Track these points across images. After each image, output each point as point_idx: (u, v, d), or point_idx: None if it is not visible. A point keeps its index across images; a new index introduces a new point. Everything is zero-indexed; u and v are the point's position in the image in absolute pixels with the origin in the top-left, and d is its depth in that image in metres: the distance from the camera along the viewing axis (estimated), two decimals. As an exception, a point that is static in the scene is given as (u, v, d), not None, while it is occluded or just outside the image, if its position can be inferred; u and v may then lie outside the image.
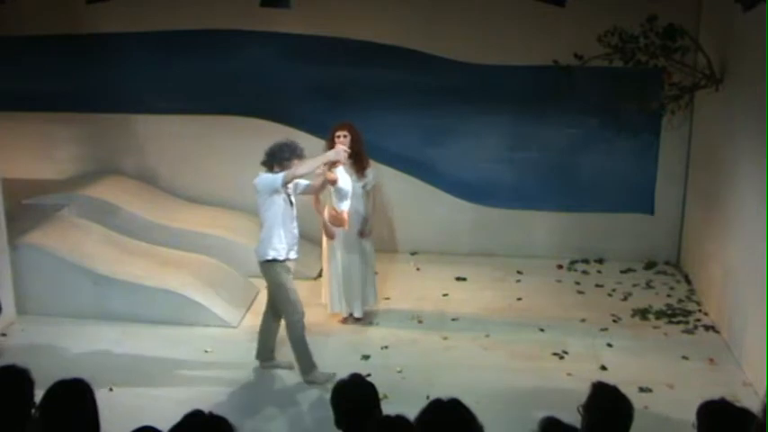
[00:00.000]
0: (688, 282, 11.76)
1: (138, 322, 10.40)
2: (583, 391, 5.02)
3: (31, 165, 12.30)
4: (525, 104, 12.00)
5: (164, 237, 11.78)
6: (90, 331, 10.32)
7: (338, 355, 9.62)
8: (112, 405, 7.16)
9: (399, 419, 4.51)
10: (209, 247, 11.72)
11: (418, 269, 12.32)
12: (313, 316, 10.33)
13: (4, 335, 10.12)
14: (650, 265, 12.26)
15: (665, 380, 9.02)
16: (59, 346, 9.77)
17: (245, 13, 11.79)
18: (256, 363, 9.54)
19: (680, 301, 11.19)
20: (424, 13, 12.04)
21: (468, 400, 4.61)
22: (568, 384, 8.75)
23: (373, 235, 10.57)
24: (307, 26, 12.23)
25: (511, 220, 12.56)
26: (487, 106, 11.95)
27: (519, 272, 12.11)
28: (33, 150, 11.90)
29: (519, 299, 11.33)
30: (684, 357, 9.64)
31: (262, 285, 11.44)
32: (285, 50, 12.41)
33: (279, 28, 12.25)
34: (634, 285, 11.71)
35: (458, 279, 11.93)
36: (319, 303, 10.63)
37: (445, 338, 10.21)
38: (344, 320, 10.50)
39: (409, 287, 11.69)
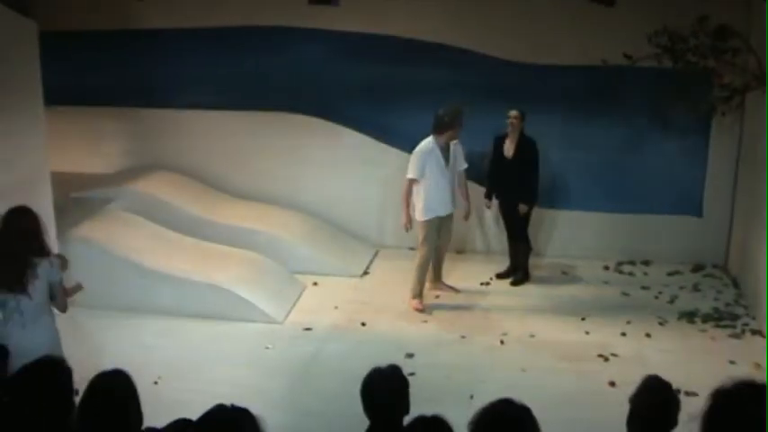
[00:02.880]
0: (736, 285, 11.65)
1: (183, 316, 10.50)
2: (626, 393, 5.00)
3: (80, 158, 12.42)
4: (573, 104, 11.92)
5: (210, 232, 11.88)
6: (135, 324, 10.41)
7: (382, 352, 9.53)
8: (156, 398, 7.18)
9: (435, 420, 4.50)
10: (257, 242, 11.81)
11: (464, 268, 12.28)
12: (360, 312, 10.56)
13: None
14: (697, 268, 12.17)
15: (711, 384, 8.90)
16: (105, 339, 9.82)
17: (294, 10, 11.86)
18: (301, 358, 9.65)
19: (727, 304, 11.10)
20: (473, 11, 12.06)
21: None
22: (611, 386, 8.70)
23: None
24: (354, 23, 12.29)
25: (558, 220, 12.50)
26: (535, 106, 11.86)
27: (564, 272, 12.13)
28: (83, 144, 12.01)
29: (564, 299, 11.30)
30: (731, 362, 9.50)
31: (308, 282, 11.50)
32: (333, 48, 12.50)
33: (327, 25, 12.31)
34: (681, 288, 11.63)
35: (499, 277, 11.92)
36: (363, 302, 10.72)
37: (490, 338, 10.18)
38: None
39: (455, 286, 11.64)
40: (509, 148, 11.48)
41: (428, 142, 10.72)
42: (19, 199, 9.68)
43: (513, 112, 11.28)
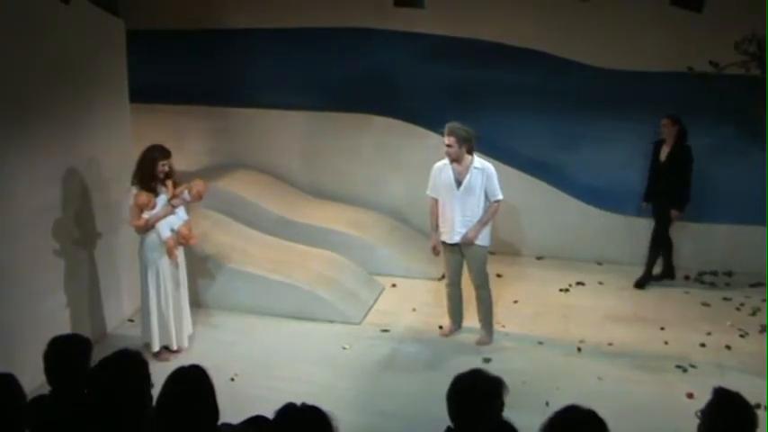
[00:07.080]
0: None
1: (262, 314, 10.66)
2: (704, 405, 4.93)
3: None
4: (658, 112, 11.76)
5: (291, 231, 12.00)
6: (215, 321, 10.54)
7: (459, 355, 9.62)
8: (233, 394, 7.29)
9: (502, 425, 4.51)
10: (336, 243, 11.91)
11: (543, 274, 12.25)
12: (438, 315, 10.61)
13: (131, 320, 10.39)
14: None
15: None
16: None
17: (379, 12, 11.89)
18: (377, 359, 9.71)
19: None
20: (556, 16, 11.97)
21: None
22: (689, 398, 8.59)
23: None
24: (439, 26, 12.29)
25: (639, 228, 12.35)
26: (619, 112, 11.77)
27: (644, 281, 11.96)
28: (168, 142, 12.13)
29: (644, 309, 11.17)
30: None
31: (387, 283, 11.54)
32: (418, 50, 12.53)
33: (412, 28, 12.35)
34: (763, 300, 11.38)
35: (578, 283, 11.87)
36: (441, 304, 10.68)
37: (567, 345, 10.13)
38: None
39: (534, 292, 11.63)
40: (664, 153, 11.46)
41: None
42: (104, 194, 9.84)
43: (664, 120, 11.29)
